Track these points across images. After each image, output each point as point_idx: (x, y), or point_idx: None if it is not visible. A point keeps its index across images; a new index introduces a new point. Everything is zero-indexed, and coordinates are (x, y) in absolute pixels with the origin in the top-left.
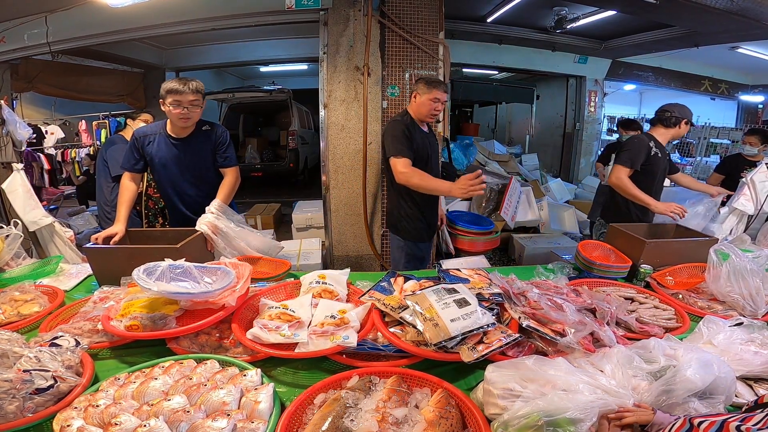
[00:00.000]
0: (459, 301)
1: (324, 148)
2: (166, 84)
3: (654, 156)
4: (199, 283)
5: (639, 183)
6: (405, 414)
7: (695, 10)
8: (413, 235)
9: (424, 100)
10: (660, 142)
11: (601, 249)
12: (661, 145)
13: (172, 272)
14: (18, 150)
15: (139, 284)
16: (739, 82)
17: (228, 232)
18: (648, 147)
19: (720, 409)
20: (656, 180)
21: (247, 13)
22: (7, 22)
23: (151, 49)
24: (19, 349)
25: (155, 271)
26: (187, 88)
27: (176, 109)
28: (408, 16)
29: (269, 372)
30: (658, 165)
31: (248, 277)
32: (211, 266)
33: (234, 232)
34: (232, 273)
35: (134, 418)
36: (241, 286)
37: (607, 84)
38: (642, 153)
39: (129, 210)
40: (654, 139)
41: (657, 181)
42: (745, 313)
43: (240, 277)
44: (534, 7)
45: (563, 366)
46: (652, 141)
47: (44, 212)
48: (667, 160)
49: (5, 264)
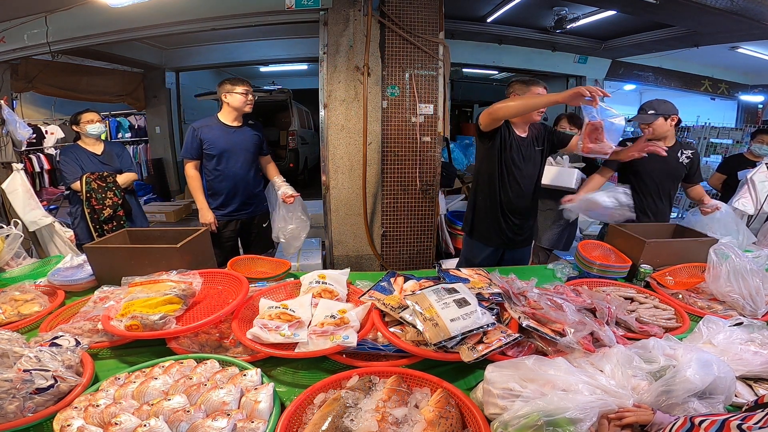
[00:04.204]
0: (459, 301)
1: (324, 148)
2: (232, 80)
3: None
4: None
5: (627, 181)
6: (405, 414)
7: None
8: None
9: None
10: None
11: (601, 249)
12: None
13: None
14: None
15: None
16: (739, 82)
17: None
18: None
19: (720, 409)
20: (644, 180)
21: (247, 13)
22: (7, 22)
23: (151, 49)
24: (19, 349)
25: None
26: (247, 82)
27: (246, 96)
28: (408, 16)
29: (269, 372)
30: (643, 165)
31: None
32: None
33: (298, 200)
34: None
35: (134, 418)
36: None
37: (607, 84)
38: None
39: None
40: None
41: (652, 181)
42: (744, 313)
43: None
44: (534, 7)
45: (563, 366)
46: (631, 142)
47: (44, 212)
48: (667, 162)
49: (5, 264)
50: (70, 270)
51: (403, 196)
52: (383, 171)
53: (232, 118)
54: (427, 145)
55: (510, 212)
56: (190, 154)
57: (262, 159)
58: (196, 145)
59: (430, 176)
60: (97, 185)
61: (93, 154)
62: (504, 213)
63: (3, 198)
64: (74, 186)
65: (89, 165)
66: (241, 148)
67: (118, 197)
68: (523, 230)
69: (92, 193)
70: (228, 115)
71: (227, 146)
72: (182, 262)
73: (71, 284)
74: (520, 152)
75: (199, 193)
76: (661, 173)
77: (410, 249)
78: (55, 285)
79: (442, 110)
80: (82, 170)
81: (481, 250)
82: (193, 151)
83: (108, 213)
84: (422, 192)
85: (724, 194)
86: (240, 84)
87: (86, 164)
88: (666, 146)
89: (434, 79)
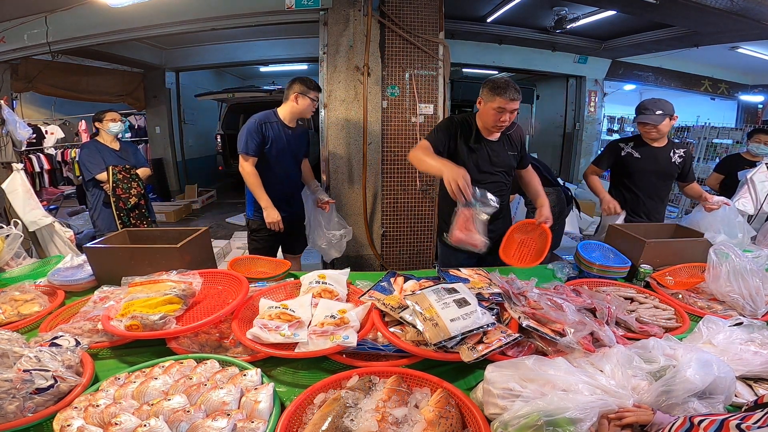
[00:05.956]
0: (459, 301)
1: (324, 148)
2: (309, 83)
3: (627, 156)
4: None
5: (619, 182)
6: (405, 414)
7: (695, 10)
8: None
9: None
10: (646, 142)
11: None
12: (646, 145)
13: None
14: (18, 150)
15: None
16: (739, 82)
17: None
18: (617, 148)
19: (720, 409)
20: (636, 181)
21: (247, 13)
22: (7, 22)
23: (151, 49)
24: (19, 349)
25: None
26: (320, 90)
27: (313, 103)
28: (408, 16)
29: (269, 372)
30: (633, 165)
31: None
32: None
33: (332, 207)
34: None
35: (134, 418)
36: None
37: (607, 84)
38: (608, 154)
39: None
40: (636, 141)
41: (644, 181)
42: (744, 313)
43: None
44: (534, 7)
45: (563, 366)
46: (631, 143)
47: (44, 212)
48: (659, 163)
49: (5, 264)
50: (70, 270)
51: (402, 196)
52: (383, 171)
53: (291, 119)
54: None
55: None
56: (253, 150)
57: (305, 161)
58: (259, 141)
59: (430, 176)
60: (122, 176)
61: (112, 149)
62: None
63: (3, 198)
64: (100, 176)
65: (110, 159)
66: (296, 149)
67: (141, 188)
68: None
69: (118, 183)
70: (289, 115)
71: (285, 147)
72: (182, 262)
73: (71, 284)
74: (488, 157)
75: (261, 191)
76: (654, 174)
77: (410, 249)
78: (55, 285)
79: (442, 110)
80: (104, 162)
81: (455, 257)
82: (256, 148)
83: (134, 201)
84: (422, 192)
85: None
86: (314, 90)
87: (107, 158)
88: (659, 146)
89: (434, 79)
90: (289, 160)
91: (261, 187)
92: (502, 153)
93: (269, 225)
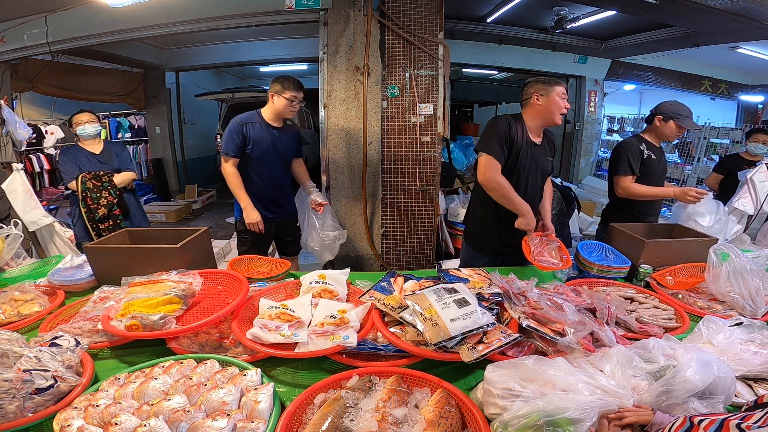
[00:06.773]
0: (459, 301)
1: (324, 148)
2: (285, 83)
3: (647, 158)
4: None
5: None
6: (405, 414)
7: (695, 10)
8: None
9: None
10: (652, 143)
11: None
12: (654, 146)
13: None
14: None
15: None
16: (739, 82)
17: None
18: (640, 151)
19: (720, 409)
20: (652, 183)
21: (247, 13)
22: (7, 22)
23: (151, 49)
24: (19, 349)
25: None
26: (302, 90)
27: (292, 104)
28: (408, 16)
29: (269, 372)
30: (652, 167)
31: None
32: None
33: (327, 208)
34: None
35: (134, 418)
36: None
37: (607, 84)
38: (633, 159)
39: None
40: (645, 141)
41: (657, 181)
42: (744, 313)
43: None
44: (534, 7)
45: (563, 366)
46: (643, 143)
47: (44, 212)
48: (663, 162)
49: (5, 264)
50: (70, 270)
51: (402, 196)
52: (383, 171)
53: (274, 119)
54: (426, 145)
55: (511, 227)
56: (234, 151)
57: (295, 160)
58: (240, 142)
59: (430, 176)
60: (92, 185)
61: (91, 153)
62: (504, 225)
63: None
64: (70, 186)
65: (87, 165)
66: (282, 150)
67: (113, 196)
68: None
69: (87, 193)
70: (272, 115)
71: (269, 148)
72: (182, 262)
73: (71, 284)
74: (533, 160)
75: (241, 192)
76: (664, 173)
77: (410, 249)
78: (55, 285)
79: (442, 110)
80: (79, 170)
81: (479, 259)
82: (236, 149)
83: (103, 212)
84: (422, 192)
85: (722, 194)
86: (291, 90)
87: (84, 164)
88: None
89: (434, 79)
90: (275, 160)
91: (241, 188)
92: (542, 157)
93: (249, 226)
